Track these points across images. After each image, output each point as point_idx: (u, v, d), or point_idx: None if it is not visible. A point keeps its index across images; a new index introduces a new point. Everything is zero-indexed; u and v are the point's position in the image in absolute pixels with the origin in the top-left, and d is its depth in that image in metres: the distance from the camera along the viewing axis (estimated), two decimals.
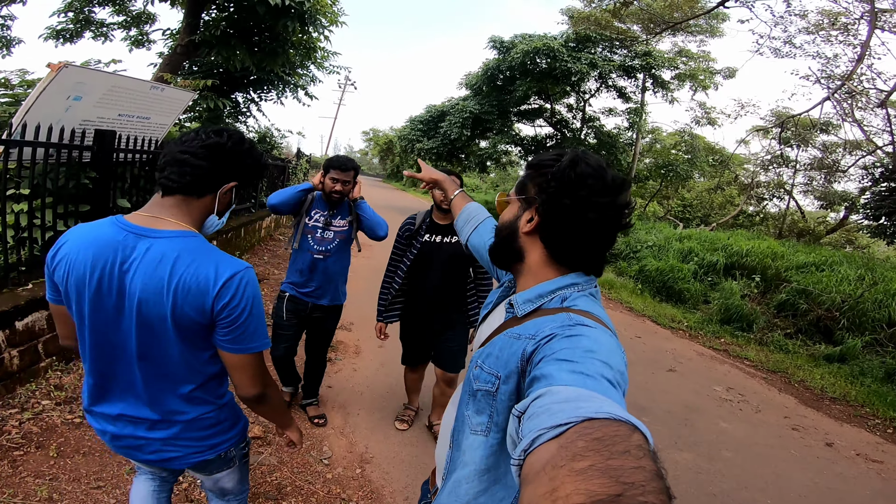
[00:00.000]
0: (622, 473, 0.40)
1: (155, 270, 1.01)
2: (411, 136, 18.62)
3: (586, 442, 0.44)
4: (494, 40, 15.38)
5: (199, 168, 1.07)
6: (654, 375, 4.96)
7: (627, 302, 8.38)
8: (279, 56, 6.48)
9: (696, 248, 9.93)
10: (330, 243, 2.71)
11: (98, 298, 1.04)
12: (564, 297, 0.88)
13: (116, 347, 1.08)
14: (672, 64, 13.61)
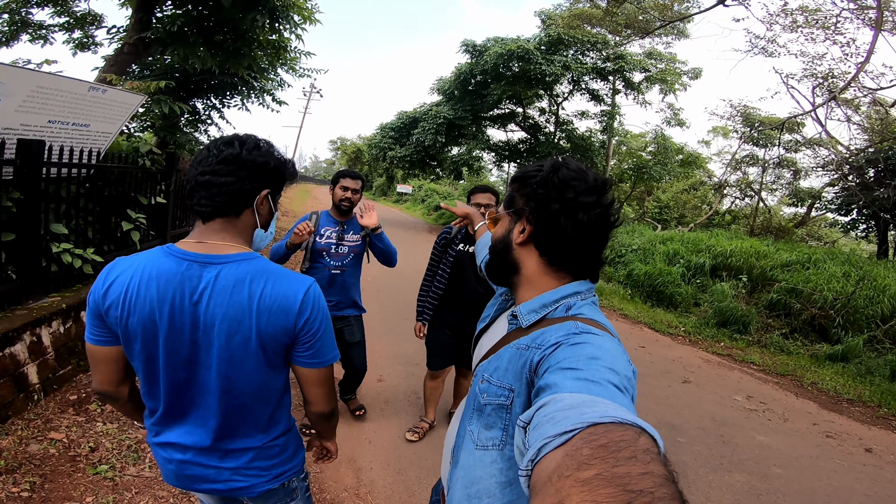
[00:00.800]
0: (629, 481, 0.38)
1: (231, 296, 0.99)
2: (383, 144, 18.03)
3: (592, 449, 0.43)
4: (467, 44, 15.08)
5: (226, 186, 1.01)
6: (672, 388, 4.77)
7: (620, 309, 8.14)
8: (244, 57, 5.85)
9: (681, 251, 9.83)
10: (345, 258, 2.80)
11: (172, 335, 1.01)
12: (569, 305, 0.88)
13: (193, 381, 1.06)
14: (643, 66, 13.69)
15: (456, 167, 17.22)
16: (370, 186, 49.13)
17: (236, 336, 1.01)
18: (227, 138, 1.06)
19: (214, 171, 1.01)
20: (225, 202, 1.02)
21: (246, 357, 1.03)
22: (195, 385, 1.06)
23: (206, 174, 1.01)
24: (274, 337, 1.03)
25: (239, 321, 1.00)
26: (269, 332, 1.02)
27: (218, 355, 1.02)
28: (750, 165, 14.72)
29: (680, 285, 8.68)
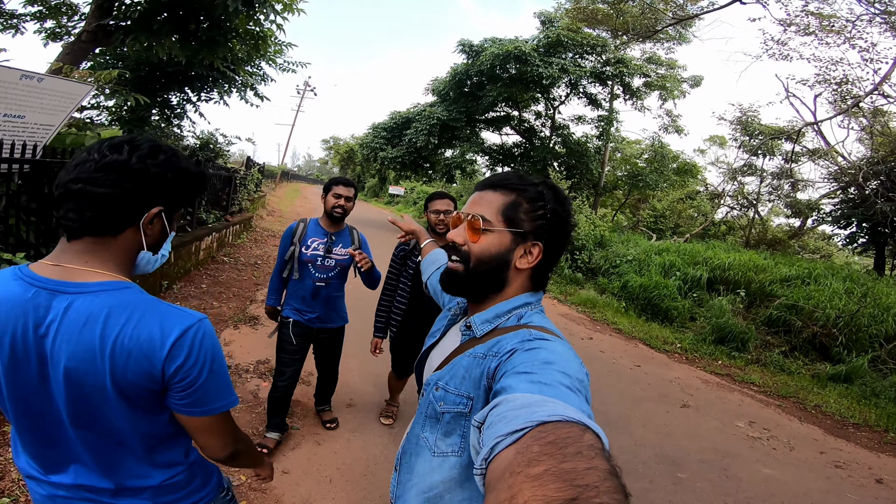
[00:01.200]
0: (576, 476, 0.40)
1: (80, 334, 0.82)
2: (374, 145, 17.62)
3: (541, 446, 0.45)
4: (464, 44, 14.73)
5: (102, 198, 0.82)
6: (670, 414, 4.47)
7: (614, 323, 7.81)
8: (219, 47, 5.44)
9: (677, 262, 9.54)
10: (331, 270, 2.73)
11: (15, 368, 0.85)
12: (520, 315, 0.91)
13: (50, 417, 0.88)
14: (643, 72, 13.43)
15: (449, 170, 16.83)
16: (362, 187, 48.73)
17: (87, 379, 0.84)
18: (117, 140, 0.87)
19: (91, 179, 0.82)
20: (97, 218, 0.84)
21: (103, 402, 0.86)
22: (54, 422, 0.89)
23: (79, 182, 0.82)
24: (135, 384, 0.85)
25: (89, 363, 0.83)
26: (127, 378, 0.84)
27: (68, 395, 0.85)
28: (748, 175, 14.52)
29: (676, 299, 8.38)
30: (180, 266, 6.05)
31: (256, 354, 4.23)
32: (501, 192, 0.94)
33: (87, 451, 0.92)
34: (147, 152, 0.86)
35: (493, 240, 0.92)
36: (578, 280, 10.15)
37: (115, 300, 0.84)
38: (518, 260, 0.92)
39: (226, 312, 5.34)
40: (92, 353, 0.82)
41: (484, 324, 0.92)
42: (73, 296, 0.83)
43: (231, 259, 7.92)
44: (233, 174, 8.98)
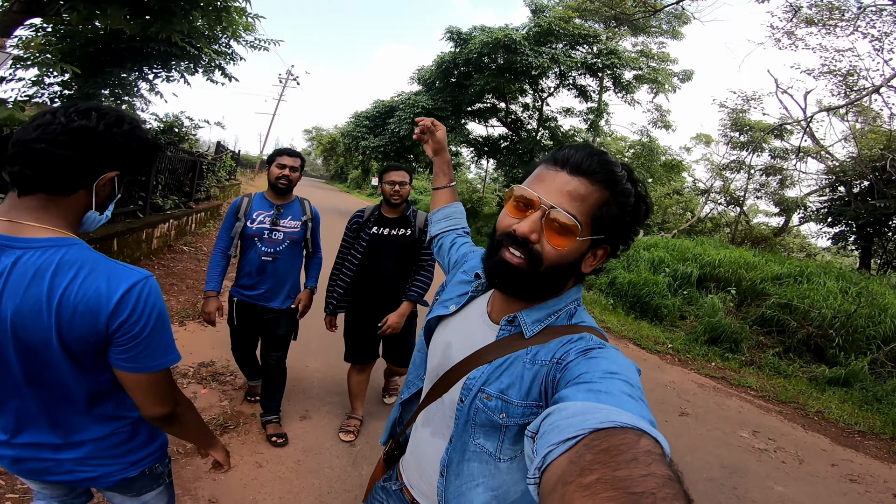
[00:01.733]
0: (631, 483, 0.38)
1: (28, 289, 0.85)
2: (356, 133, 16.92)
3: (594, 454, 0.43)
4: (452, 31, 14.13)
5: (64, 160, 0.86)
6: (669, 424, 4.09)
7: (602, 321, 7.42)
8: (176, 19, 4.81)
9: (666, 258, 9.22)
10: (279, 244, 2.57)
11: None
12: (571, 312, 0.86)
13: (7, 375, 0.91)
14: (635, 64, 13.05)
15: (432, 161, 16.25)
16: (345, 179, 47.74)
17: (33, 334, 0.87)
18: (84, 107, 0.90)
19: (56, 141, 0.85)
20: (55, 177, 0.87)
21: (49, 356, 0.89)
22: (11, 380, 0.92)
23: (42, 142, 0.84)
24: (80, 339, 0.89)
25: (35, 318, 0.86)
26: (73, 333, 0.87)
27: (16, 350, 0.88)
28: (736, 171, 14.34)
29: (666, 296, 8.04)
30: (126, 255, 5.41)
31: (200, 355, 3.69)
32: (598, 186, 0.77)
33: (36, 407, 0.95)
34: (113, 121, 0.90)
35: (577, 246, 0.78)
36: None
37: (63, 256, 0.87)
38: (585, 263, 0.83)
39: (173, 306, 4.76)
40: (38, 308, 0.85)
41: (535, 324, 0.84)
42: (22, 250, 0.85)
43: (192, 248, 7.29)
44: (197, 159, 8.30)
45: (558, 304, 0.85)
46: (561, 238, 0.77)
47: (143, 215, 6.12)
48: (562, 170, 0.78)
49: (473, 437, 0.85)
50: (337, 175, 52.89)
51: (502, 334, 0.86)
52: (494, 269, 0.83)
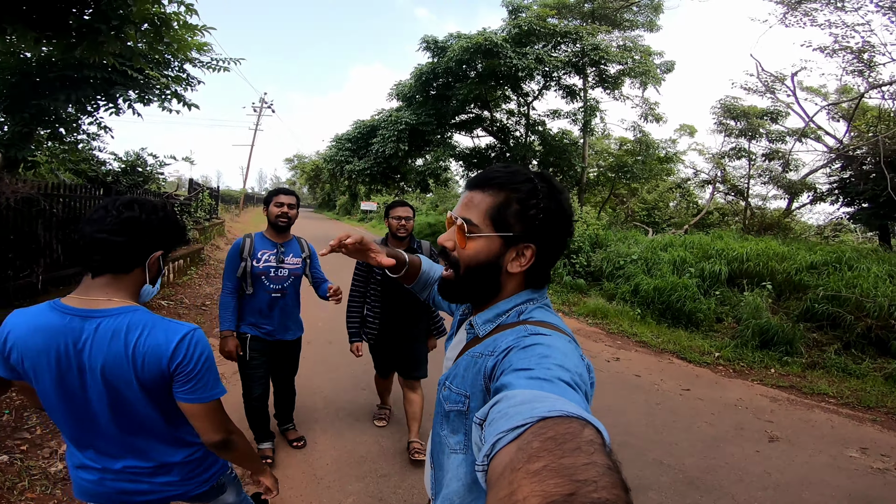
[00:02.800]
0: (575, 471, 0.39)
1: (109, 346, 1.13)
2: (339, 158, 16.21)
3: (541, 442, 0.44)
4: (427, 41, 13.58)
5: (121, 246, 1.13)
6: (763, 455, 3.39)
7: (634, 334, 6.69)
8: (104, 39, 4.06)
9: (688, 257, 8.54)
10: (285, 280, 2.75)
11: (61, 378, 1.15)
12: (521, 311, 0.89)
13: (92, 415, 1.18)
14: (622, 58, 12.60)
15: (422, 178, 15.56)
16: (333, 206, 46.93)
17: (118, 380, 1.15)
18: (127, 200, 1.18)
19: (112, 230, 1.12)
20: (117, 260, 1.15)
21: (132, 396, 1.17)
22: (94, 418, 1.19)
23: (102, 232, 1.12)
24: (152, 380, 1.17)
25: (119, 367, 1.14)
26: (146, 376, 1.16)
27: (107, 394, 1.16)
28: (736, 159, 13.85)
29: (699, 299, 7.34)
30: None
31: None
32: (489, 191, 0.88)
33: (126, 439, 1.23)
34: (150, 209, 1.19)
35: (481, 245, 0.88)
36: (581, 287, 9.04)
37: (131, 319, 1.15)
38: (510, 264, 0.89)
39: None
40: (120, 358, 1.14)
41: (486, 323, 0.91)
42: (100, 318, 1.14)
43: (171, 302, 6.45)
44: (167, 201, 7.51)
45: (507, 304, 0.90)
46: (463, 240, 0.89)
47: None
48: (469, 189, 0.92)
49: (441, 428, 0.92)
50: (325, 203, 52.08)
51: (468, 338, 0.94)
52: (440, 287, 0.98)
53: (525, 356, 0.71)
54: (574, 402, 0.57)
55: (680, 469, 3.08)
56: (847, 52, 8.25)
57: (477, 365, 0.83)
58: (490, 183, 0.88)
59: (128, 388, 1.15)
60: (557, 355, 0.70)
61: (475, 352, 0.86)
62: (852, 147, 10.25)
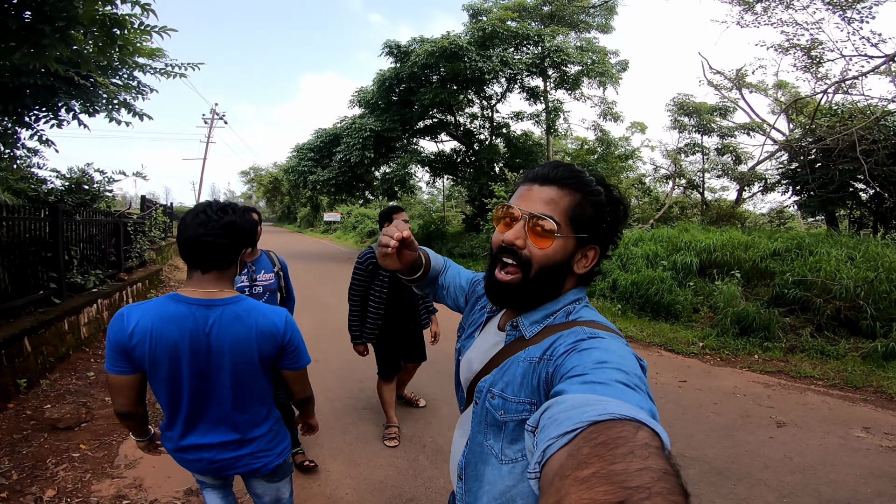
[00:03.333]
0: (626, 478, 0.37)
1: (234, 328, 1.39)
2: (301, 168, 15.67)
3: (591, 448, 0.43)
4: (390, 45, 13.38)
5: (225, 247, 1.38)
6: (777, 441, 3.43)
7: (621, 329, 6.71)
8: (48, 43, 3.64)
9: (659, 251, 8.76)
10: (261, 298, 2.70)
11: (193, 358, 1.37)
12: (569, 311, 0.88)
13: (211, 392, 1.42)
14: (581, 59, 12.88)
15: (390, 185, 15.29)
16: (294, 219, 45.57)
17: (243, 357, 1.41)
18: (222, 205, 1.41)
19: (217, 234, 1.35)
20: (223, 259, 1.40)
21: (250, 369, 1.44)
22: (211, 395, 1.43)
23: (209, 237, 1.35)
24: (269, 354, 1.45)
25: (245, 345, 1.40)
26: (265, 351, 1.44)
27: (230, 371, 1.41)
28: (692, 153, 14.47)
29: (675, 291, 7.50)
30: (46, 355, 4.10)
31: (180, 479, 2.63)
32: (567, 190, 0.86)
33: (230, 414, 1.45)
34: (241, 212, 1.43)
35: (559, 246, 0.86)
36: None
37: (245, 306, 1.42)
38: (576, 265, 0.89)
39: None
40: (245, 337, 1.39)
41: (533, 325, 0.88)
42: (222, 307, 1.38)
43: None
44: (119, 220, 6.91)
45: (555, 305, 0.89)
46: (543, 239, 0.85)
47: (61, 300, 4.77)
48: (534, 183, 0.89)
49: (485, 438, 0.88)
50: (285, 216, 50.52)
51: (508, 339, 0.91)
52: (490, 290, 0.94)
53: (582, 360, 0.70)
54: (632, 402, 0.56)
55: (704, 460, 3.07)
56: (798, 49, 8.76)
57: (537, 371, 0.81)
58: (565, 182, 0.86)
59: (249, 362, 1.42)
60: (615, 359, 0.68)
61: (531, 357, 0.83)
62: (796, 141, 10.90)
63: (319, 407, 3.75)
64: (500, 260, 0.89)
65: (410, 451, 3.17)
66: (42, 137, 4.95)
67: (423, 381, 4.21)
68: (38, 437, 3.25)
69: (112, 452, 3.13)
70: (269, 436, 1.55)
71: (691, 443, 3.32)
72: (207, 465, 1.49)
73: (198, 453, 1.47)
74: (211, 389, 1.41)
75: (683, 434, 3.46)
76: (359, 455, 3.12)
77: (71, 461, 3.00)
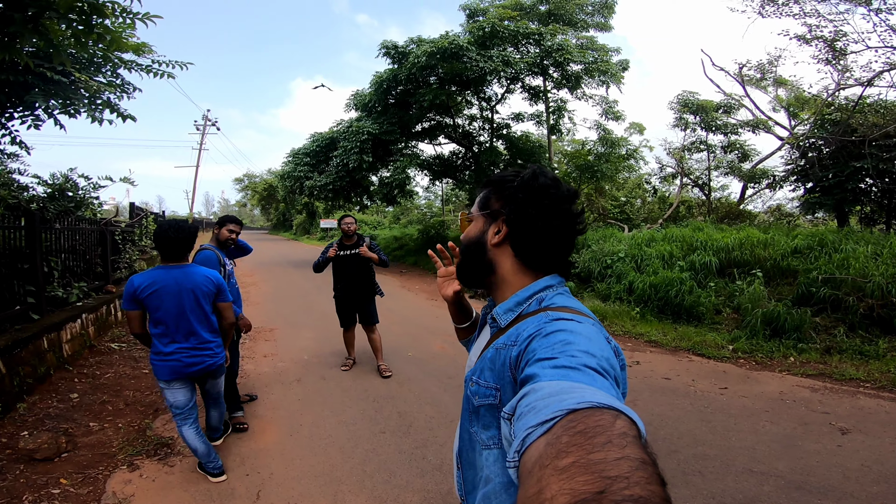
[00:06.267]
0: (605, 467, 0.38)
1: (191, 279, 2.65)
2: (297, 174, 15.24)
3: (570, 436, 0.43)
4: (387, 47, 13.03)
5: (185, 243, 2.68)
6: (847, 448, 3.12)
7: (641, 334, 6.38)
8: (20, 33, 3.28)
9: (675, 251, 8.42)
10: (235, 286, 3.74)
11: (176, 296, 2.60)
12: (542, 298, 0.90)
13: (184, 314, 2.63)
14: (584, 57, 12.59)
15: (389, 190, 14.89)
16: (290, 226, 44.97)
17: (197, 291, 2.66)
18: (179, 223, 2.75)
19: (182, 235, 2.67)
20: (183, 251, 2.69)
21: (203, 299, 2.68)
22: (182, 316, 2.62)
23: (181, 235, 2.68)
24: (209, 290, 2.71)
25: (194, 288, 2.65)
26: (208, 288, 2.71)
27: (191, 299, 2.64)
28: (698, 151, 14.18)
29: (697, 292, 7.15)
30: (24, 376, 3.68)
31: None
32: (485, 188, 1.01)
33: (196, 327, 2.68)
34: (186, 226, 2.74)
35: (473, 227, 1.01)
36: (571, 290, 8.69)
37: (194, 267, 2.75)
38: (491, 238, 0.95)
39: (111, 440, 3.16)
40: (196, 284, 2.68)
41: (507, 313, 0.91)
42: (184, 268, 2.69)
43: (123, 345, 5.48)
44: (106, 228, 6.47)
45: (525, 292, 0.90)
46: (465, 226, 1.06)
47: (40, 315, 4.34)
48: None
49: (470, 425, 0.90)
50: (280, 223, 49.91)
51: (492, 331, 0.94)
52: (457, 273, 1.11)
53: (548, 343, 0.70)
54: (602, 389, 0.56)
55: (777, 474, 2.73)
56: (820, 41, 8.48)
57: (501, 356, 0.82)
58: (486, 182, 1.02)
59: (204, 297, 2.68)
60: (581, 341, 0.69)
61: (499, 343, 0.86)
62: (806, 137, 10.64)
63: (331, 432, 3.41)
64: None
65: (442, 483, 2.78)
66: (16, 139, 4.54)
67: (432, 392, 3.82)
68: (13, 468, 2.85)
69: (98, 488, 2.73)
70: (217, 343, 2.77)
71: (755, 455, 2.96)
72: (183, 364, 2.60)
73: (178, 355, 2.58)
74: (183, 313, 2.59)
75: (743, 447, 3.09)
76: (383, 490, 2.72)
77: (50, 499, 2.59)
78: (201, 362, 2.62)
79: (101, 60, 4.96)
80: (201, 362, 2.62)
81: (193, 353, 2.59)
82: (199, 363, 2.61)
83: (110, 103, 4.99)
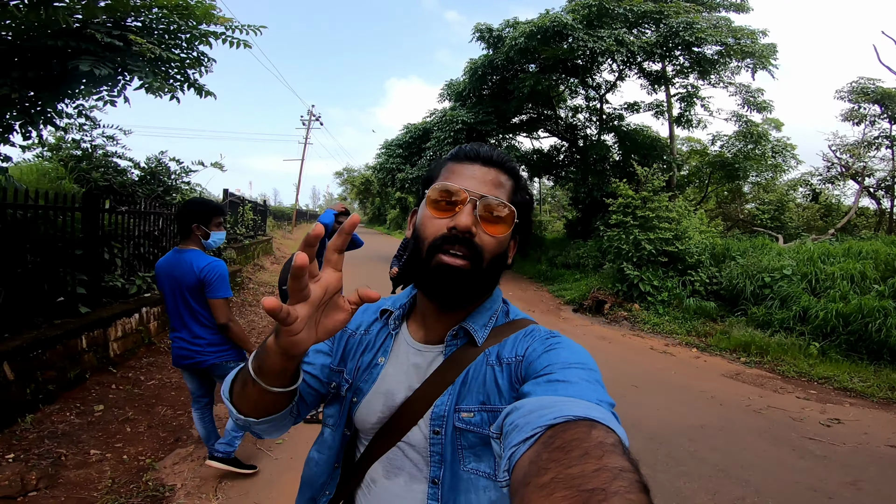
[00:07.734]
0: (582, 481, 0.37)
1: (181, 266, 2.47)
2: (389, 165, 14.86)
3: (549, 452, 0.43)
4: (481, 29, 11.99)
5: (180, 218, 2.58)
6: None
7: (826, 378, 4.64)
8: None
9: (867, 271, 6.19)
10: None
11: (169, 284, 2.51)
12: (504, 310, 0.84)
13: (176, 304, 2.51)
14: (720, 37, 10.38)
15: None
16: (384, 220, 46.24)
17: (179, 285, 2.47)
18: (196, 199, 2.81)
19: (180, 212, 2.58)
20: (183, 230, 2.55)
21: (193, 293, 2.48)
22: (174, 306, 2.51)
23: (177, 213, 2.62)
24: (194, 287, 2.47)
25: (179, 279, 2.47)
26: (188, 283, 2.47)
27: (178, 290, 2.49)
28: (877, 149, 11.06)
29: None
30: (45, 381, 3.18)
31: None
32: (506, 173, 0.79)
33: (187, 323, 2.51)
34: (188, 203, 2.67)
35: (503, 227, 0.76)
36: (709, 311, 6.86)
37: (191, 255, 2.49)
38: (511, 252, 0.83)
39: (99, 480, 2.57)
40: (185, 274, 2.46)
41: (483, 328, 0.80)
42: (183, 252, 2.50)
43: None
44: None
45: (493, 304, 0.83)
46: (497, 226, 0.75)
47: (91, 308, 3.89)
48: (474, 163, 0.77)
49: (464, 465, 0.75)
50: (375, 217, 51.65)
51: (450, 350, 0.79)
52: (438, 276, 0.73)
53: (553, 360, 0.67)
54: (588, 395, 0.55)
55: None
56: None
57: (501, 377, 0.74)
58: (507, 166, 0.79)
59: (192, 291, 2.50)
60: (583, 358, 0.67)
61: (504, 358, 0.75)
62: None
63: None
64: (443, 250, 0.72)
65: None
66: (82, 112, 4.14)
67: None
68: None
69: None
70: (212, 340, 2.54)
71: None
72: (177, 355, 2.57)
73: (175, 344, 2.58)
74: (175, 303, 2.52)
75: None
76: None
77: None
78: (191, 357, 2.52)
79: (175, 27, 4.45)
80: (191, 357, 2.52)
81: (185, 345, 2.51)
82: (188, 357, 2.52)
83: (189, 78, 4.46)
